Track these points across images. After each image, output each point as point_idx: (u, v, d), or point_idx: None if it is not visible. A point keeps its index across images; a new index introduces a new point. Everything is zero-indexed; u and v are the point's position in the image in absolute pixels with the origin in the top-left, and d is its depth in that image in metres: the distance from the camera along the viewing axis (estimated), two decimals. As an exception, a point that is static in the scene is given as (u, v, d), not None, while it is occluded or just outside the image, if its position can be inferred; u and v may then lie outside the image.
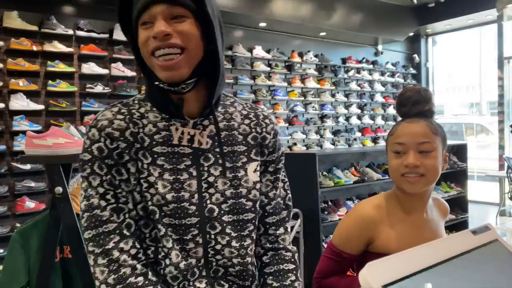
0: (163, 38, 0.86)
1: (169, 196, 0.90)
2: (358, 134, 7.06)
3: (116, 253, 0.87)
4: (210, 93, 0.95)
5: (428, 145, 1.17)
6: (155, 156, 0.91)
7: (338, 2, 6.37)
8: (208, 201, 0.94)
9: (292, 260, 1.06)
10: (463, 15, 7.07)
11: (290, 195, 1.11)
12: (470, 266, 0.78)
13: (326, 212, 3.73)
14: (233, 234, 0.96)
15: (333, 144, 6.72)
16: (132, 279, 0.87)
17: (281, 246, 1.06)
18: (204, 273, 0.94)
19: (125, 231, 0.89)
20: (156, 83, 0.91)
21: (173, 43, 0.86)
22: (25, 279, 1.60)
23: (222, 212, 0.95)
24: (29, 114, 4.12)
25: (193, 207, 0.92)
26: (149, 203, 0.90)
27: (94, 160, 0.89)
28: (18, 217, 4.01)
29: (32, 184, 4.08)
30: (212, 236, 0.93)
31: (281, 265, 1.04)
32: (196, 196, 0.93)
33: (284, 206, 1.09)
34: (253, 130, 1.02)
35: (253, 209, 0.99)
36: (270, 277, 1.03)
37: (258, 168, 1.01)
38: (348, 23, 6.55)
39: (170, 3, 0.86)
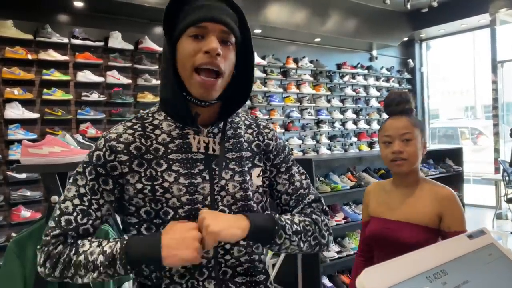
0: (214, 55, 0.91)
1: (184, 199, 0.97)
2: (354, 139, 7.07)
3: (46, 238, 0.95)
4: (228, 110, 1.04)
5: (409, 135, 1.49)
6: (171, 162, 0.98)
7: (332, 8, 6.41)
8: (220, 203, 1.00)
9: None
10: (456, 20, 7.12)
11: (309, 181, 1.16)
12: (466, 270, 0.78)
13: (323, 218, 3.72)
14: None
15: (329, 149, 6.73)
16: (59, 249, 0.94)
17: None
18: (213, 274, 0.99)
19: (74, 234, 0.95)
20: (184, 94, 0.97)
21: (218, 64, 0.92)
22: (21, 289, 1.59)
23: (232, 213, 1.01)
24: (24, 123, 4.10)
25: (206, 209, 0.97)
26: (164, 205, 0.97)
27: (89, 164, 0.98)
28: (14, 226, 3.98)
29: (28, 193, 4.06)
30: None
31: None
32: (208, 198, 0.99)
33: (306, 186, 1.14)
34: (256, 138, 1.11)
35: (257, 211, 1.06)
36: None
37: (261, 174, 1.09)
38: (342, 29, 6.59)
39: (226, 27, 0.93)
